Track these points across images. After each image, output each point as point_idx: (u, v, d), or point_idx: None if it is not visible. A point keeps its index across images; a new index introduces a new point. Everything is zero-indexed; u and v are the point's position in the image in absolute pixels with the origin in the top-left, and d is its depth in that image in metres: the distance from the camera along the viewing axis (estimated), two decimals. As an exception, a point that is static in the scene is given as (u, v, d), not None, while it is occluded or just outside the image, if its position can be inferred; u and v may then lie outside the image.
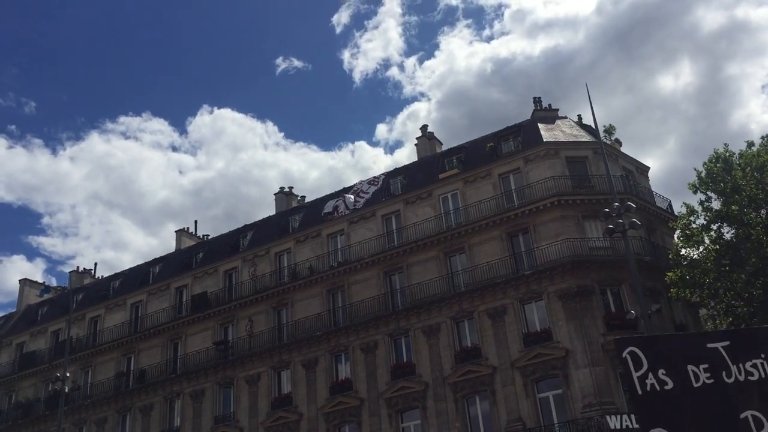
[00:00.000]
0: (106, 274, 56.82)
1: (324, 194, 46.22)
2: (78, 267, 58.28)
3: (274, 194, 50.39)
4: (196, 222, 55.91)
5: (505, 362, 33.37)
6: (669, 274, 30.47)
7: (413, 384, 35.31)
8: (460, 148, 42.29)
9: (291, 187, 50.49)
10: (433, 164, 42.08)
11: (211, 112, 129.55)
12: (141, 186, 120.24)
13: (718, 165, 29.47)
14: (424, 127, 46.60)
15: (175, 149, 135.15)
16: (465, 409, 33.86)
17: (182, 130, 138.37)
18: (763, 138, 30.25)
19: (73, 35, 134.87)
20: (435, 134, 46.67)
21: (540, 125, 39.42)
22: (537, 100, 42.07)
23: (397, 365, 36.45)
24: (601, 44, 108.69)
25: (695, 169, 30.32)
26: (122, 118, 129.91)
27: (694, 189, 30.09)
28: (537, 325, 33.78)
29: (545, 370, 32.54)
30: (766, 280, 27.73)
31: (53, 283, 64.84)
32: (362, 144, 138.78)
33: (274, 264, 43.33)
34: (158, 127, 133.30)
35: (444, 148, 45.73)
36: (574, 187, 35.86)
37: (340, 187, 45.95)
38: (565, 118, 41.27)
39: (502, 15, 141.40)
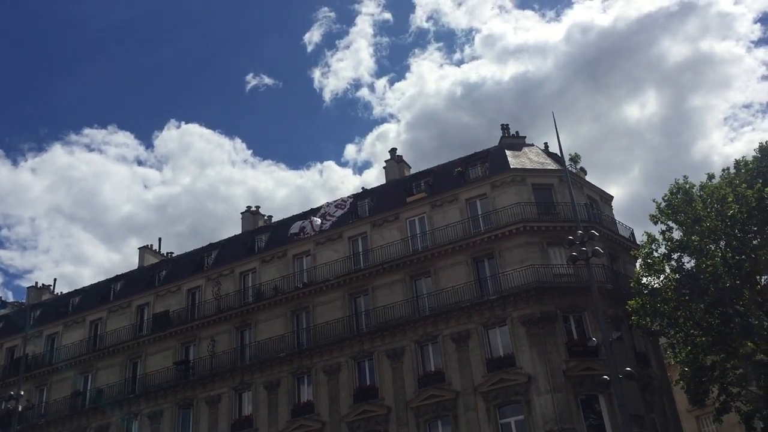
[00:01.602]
0: (65, 290, 55.73)
1: (291, 214, 46.14)
2: (36, 283, 57.08)
3: (241, 213, 50.19)
4: (160, 239, 55.46)
5: (468, 387, 33.36)
6: (630, 302, 30.86)
7: (376, 408, 35.08)
8: (428, 172, 42.55)
9: (258, 207, 50.34)
10: (401, 187, 42.24)
11: (179, 127, 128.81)
12: (104, 200, 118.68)
13: (678, 196, 30.03)
14: (392, 150, 46.87)
15: (140, 163, 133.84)
16: (427, 433, 33.67)
17: (148, 144, 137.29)
18: (723, 170, 30.97)
19: (37, 44, 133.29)
20: (404, 156, 47.05)
21: (507, 152, 39.88)
22: (505, 127, 42.58)
23: (360, 388, 36.21)
24: (569, 72, 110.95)
25: (654, 201, 30.91)
26: (87, 130, 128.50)
27: (655, 220, 30.62)
28: (500, 350, 33.88)
29: (507, 396, 32.58)
30: (724, 310, 28.22)
31: (10, 297, 63.28)
32: (331, 164, 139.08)
33: (239, 283, 42.89)
34: (124, 140, 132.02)
35: (413, 170, 46.02)
36: (539, 213, 36.25)
37: (308, 207, 45.97)
38: (532, 145, 41.83)
39: (473, 39, 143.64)
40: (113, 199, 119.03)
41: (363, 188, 45.14)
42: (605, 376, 22.45)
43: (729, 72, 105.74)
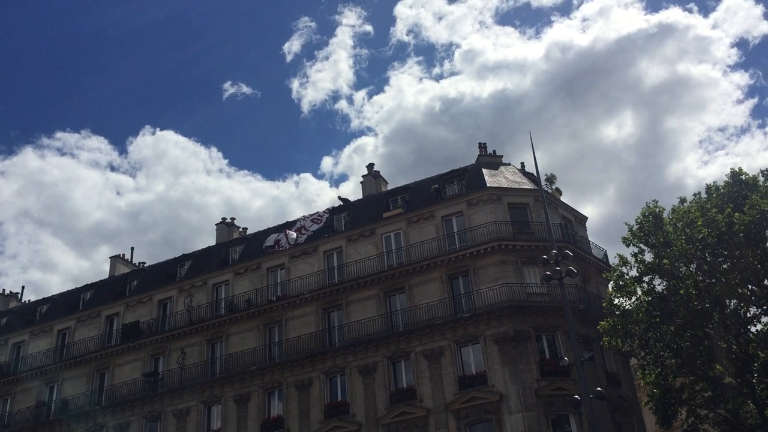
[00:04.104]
0: (32, 298, 54.85)
1: (267, 225, 46.08)
2: (4, 290, 56.07)
3: (216, 224, 49.90)
4: (132, 249, 54.81)
5: (440, 405, 33.30)
6: (602, 323, 31.09)
7: (346, 424, 34.86)
8: (405, 188, 42.69)
9: (233, 218, 50.11)
10: (378, 203, 42.29)
11: (154, 133, 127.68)
12: (75, 205, 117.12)
13: (650, 219, 30.40)
14: (370, 166, 46.99)
15: (113, 169, 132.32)
16: (397, 451, 33.50)
17: (122, 150, 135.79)
18: (695, 195, 31.45)
19: (11, 43, 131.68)
20: (381, 170, 47.24)
21: (484, 170, 40.18)
22: (482, 146, 42.89)
23: (331, 404, 35.97)
24: (547, 90, 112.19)
25: (626, 224, 31.22)
26: (59, 134, 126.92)
27: (627, 242, 30.98)
28: (473, 368, 33.91)
29: (479, 414, 32.58)
30: (693, 332, 28.55)
31: (-24, 304, 61.68)
32: (307, 176, 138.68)
33: (211, 295, 42.51)
34: (97, 145, 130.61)
35: (390, 184, 46.24)
36: (514, 232, 36.50)
37: (284, 218, 46.04)
38: (509, 164, 42.19)
39: (453, 54, 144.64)
40: (84, 205, 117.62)
41: (339, 197, 45.13)
42: (576, 396, 22.57)
43: (705, 95, 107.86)
